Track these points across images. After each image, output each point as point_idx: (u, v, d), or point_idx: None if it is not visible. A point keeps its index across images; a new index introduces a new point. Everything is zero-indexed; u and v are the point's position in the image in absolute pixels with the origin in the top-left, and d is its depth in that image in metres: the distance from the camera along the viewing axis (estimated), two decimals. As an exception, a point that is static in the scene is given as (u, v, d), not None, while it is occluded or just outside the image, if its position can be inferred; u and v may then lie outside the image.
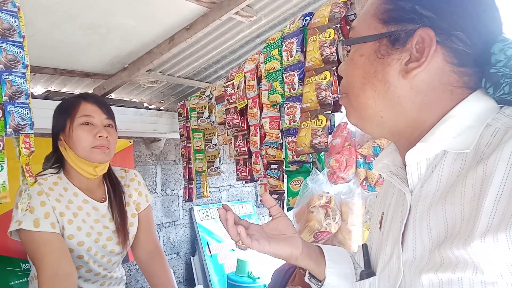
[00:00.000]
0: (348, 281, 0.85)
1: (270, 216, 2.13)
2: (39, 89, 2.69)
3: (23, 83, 1.38)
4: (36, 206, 1.32)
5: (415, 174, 0.65)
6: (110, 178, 1.54)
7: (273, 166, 2.12)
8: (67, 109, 1.44)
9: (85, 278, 1.44)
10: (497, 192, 0.51)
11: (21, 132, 1.35)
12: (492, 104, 0.60)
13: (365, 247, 0.81)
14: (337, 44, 1.74)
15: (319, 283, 0.87)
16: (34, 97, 2.41)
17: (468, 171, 0.57)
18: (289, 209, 2.00)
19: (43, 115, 2.22)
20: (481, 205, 0.52)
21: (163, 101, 3.46)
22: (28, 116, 1.39)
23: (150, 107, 3.30)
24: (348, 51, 1.82)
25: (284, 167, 2.08)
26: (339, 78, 1.86)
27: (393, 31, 0.63)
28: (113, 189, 1.52)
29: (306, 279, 0.91)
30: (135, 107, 2.93)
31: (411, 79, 0.62)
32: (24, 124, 1.36)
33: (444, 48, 0.60)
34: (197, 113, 2.68)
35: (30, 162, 1.48)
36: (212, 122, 2.60)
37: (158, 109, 3.24)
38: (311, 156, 1.91)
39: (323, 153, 1.90)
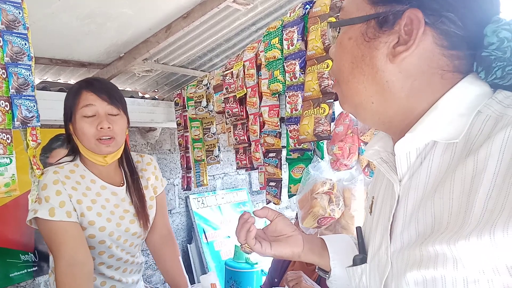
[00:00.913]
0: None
1: (268, 203, 2.14)
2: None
3: (29, 75, 1.37)
4: (51, 195, 1.32)
5: (404, 164, 0.63)
6: (127, 162, 1.53)
7: (271, 154, 2.15)
8: (70, 99, 1.43)
9: (108, 264, 1.44)
10: (488, 189, 0.50)
11: (29, 124, 1.34)
12: (484, 89, 0.58)
13: (359, 230, 0.81)
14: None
15: (327, 275, 0.90)
16: (29, 87, 2.38)
17: (458, 163, 0.55)
18: (290, 196, 2.03)
19: (41, 106, 2.21)
20: (472, 203, 0.51)
21: (157, 90, 3.44)
22: (35, 108, 1.38)
23: (145, 96, 3.28)
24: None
25: (282, 155, 2.11)
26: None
27: (381, 13, 0.60)
28: (130, 173, 1.52)
29: (316, 268, 0.94)
30: (131, 96, 2.92)
31: (399, 63, 0.59)
32: (31, 117, 1.35)
33: (434, 30, 0.57)
34: (195, 102, 2.68)
35: (37, 154, 1.48)
36: (210, 111, 2.61)
37: (154, 98, 3.23)
38: (312, 144, 1.94)
39: (322, 141, 1.94)
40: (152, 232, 1.60)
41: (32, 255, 2.65)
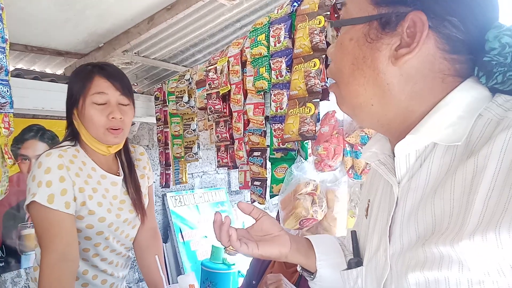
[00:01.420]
0: (339, 270, 0.83)
1: (253, 202, 2.10)
2: (6, 67, 2.53)
3: (3, 59, 1.29)
4: (54, 180, 1.22)
5: (403, 166, 0.63)
6: (125, 153, 1.47)
7: (256, 153, 2.11)
8: (80, 83, 1.33)
9: (102, 257, 1.38)
10: (488, 189, 0.49)
11: (1, 111, 1.26)
12: (484, 93, 0.58)
13: (354, 234, 0.80)
14: (326, 31, 1.73)
15: (311, 276, 0.87)
16: (2, 75, 2.27)
17: (458, 164, 0.55)
18: (272, 196, 1.99)
19: (14, 94, 2.10)
20: (472, 202, 0.51)
21: (136, 84, 3.35)
22: (8, 94, 1.30)
23: (123, 89, 3.18)
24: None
25: (267, 154, 2.07)
26: (327, 66, 1.87)
27: (383, 14, 0.59)
28: (127, 164, 1.46)
29: (298, 269, 0.90)
30: (109, 89, 2.82)
31: (401, 65, 0.59)
32: (5, 103, 1.27)
33: (436, 33, 0.57)
34: (176, 97, 2.61)
35: (8, 143, 1.40)
36: (192, 107, 2.55)
37: (133, 91, 3.14)
38: (296, 144, 1.91)
39: (307, 141, 1.91)
40: (141, 226, 1.54)
41: (-1, 250, 2.52)
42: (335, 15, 1.79)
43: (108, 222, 1.34)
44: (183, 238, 3.55)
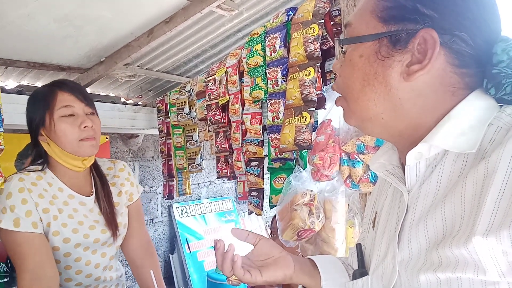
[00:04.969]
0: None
1: (250, 213, 2.08)
2: (11, 83, 2.58)
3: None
4: (17, 204, 1.24)
5: (413, 174, 0.64)
6: (96, 169, 1.47)
7: (253, 163, 2.09)
8: (43, 101, 1.33)
9: (77, 282, 1.36)
10: (499, 190, 0.50)
11: (-9, 129, 1.27)
12: (492, 103, 0.59)
13: (359, 246, 0.80)
14: (321, 40, 1.72)
15: None
16: (5, 91, 2.31)
17: (469, 169, 0.56)
18: (271, 207, 1.98)
19: (16, 110, 2.14)
20: (482, 203, 0.51)
21: (141, 96, 3.38)
22: (-1, 111, 1.31)
23: (127, 102, 3.21)
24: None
25: (264, 164, 2.05)
26: (323, 74, 1.85)
27: (393, 31, 0.60)
28: (100, 181, 1.45)
29: None
30: (112, 102, 2.85)
31: (412, 81, 0.60)
32: (-6, 121, 1.28)
33: (446, 49, 0.58)
34: (177, 109, 2.62)
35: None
36: (193, 118, 2.55)
37: (136, 104, 3.16)
38: (294, 154, 1.89)
39: (306, 151, 1.88)
40: (132, 241, 1.53)
41: (4, 265, 2.54)
42: (331, 23, 1.78)
43: (73, 243, 1.32)
44: (189, 249, 3.54)
